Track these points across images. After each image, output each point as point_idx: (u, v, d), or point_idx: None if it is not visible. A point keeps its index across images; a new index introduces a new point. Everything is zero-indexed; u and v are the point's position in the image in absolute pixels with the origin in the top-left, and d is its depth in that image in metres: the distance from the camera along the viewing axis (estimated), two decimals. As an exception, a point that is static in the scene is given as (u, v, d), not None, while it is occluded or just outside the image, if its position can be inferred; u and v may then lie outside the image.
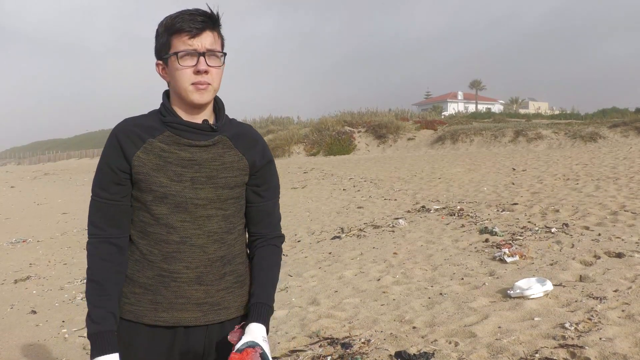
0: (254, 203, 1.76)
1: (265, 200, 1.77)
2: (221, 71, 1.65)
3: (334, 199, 12.12)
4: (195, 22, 1.57)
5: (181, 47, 1.58)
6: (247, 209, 1.77)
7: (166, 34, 1.60)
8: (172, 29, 1.58)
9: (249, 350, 1.50)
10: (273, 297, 1.78)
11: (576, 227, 6.80)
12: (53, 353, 4.24)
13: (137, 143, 1.61)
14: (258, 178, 1.74)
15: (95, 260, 1.62)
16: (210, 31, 1.60)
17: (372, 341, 3.78)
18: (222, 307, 1.69)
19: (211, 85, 1.61)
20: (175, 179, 1.62)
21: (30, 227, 11.50)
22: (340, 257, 6.55)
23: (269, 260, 1.80)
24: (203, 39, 1.58)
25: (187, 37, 1.57)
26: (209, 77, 1.59)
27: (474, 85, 70.40)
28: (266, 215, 1.78)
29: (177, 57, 1.58)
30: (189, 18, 1.57)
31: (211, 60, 1.59)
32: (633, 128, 21.89)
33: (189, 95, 1.60)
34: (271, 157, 1.79)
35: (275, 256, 1.82)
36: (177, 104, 1.66)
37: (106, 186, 1.63)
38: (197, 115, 1.66)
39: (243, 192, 1.74)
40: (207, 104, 1.64)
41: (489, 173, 13.94)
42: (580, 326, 3.61)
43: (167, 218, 1.62)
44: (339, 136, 28.16)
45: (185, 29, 1.57)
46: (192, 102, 1.62)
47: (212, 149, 1.66)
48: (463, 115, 39.50)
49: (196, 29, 1.57)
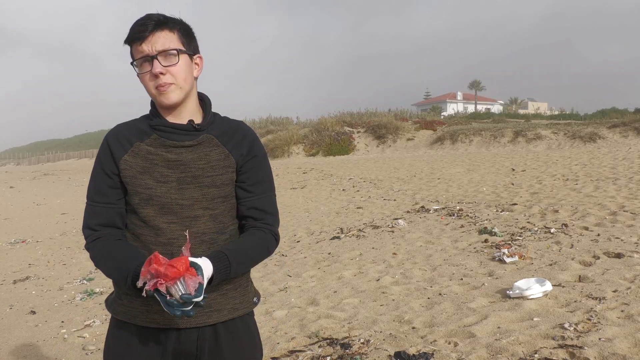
0: (242, 199, 1.73)
1: (254, 195, 1.73)
2: (184, 67, 1.64)
3: (333, 199, 12.12)
4: (143, 26, 1.60)
5: (136, 55, 1.62)
6: (237, 207, 1.74)
7: (128, 46, 1.65)
8: (127, 40, 1.63)
9: (193, 271, 1.43)
10: (240, 261, 1.63)
11: (575, 228, 6.80)
12: (52, 353, 4.24)
13: (126, 147, 1.66)
14: (244, 173, 1.72)
15: (97, 251, 1.65)
16: (160, 31, 1.61)
17: (372, 341, 3.78)
18: (214, 310, 1.68)
19: (173, 85, 1.61)
20: (161, 180, 1.64)
21: (30, 227, 11.49)
22: (340, 258, 6.55)
23: (250, 234, 1.71)
24: (153, 42, 1.59)
25: (138, 44, 1.61)
26: (168, 77, 1.60)
27: (474, 85, 70.36)
28: (256, 211, 1.73)
29: (136, 66, 1.63)
30: (137, 25, 1.61)
31: (165, 60, 1.60)
32: (632, 128, 21.92)
33: (157, 99, 1.64)
34: (259, 152, 1.75)
35: (260, 233, 1.72)
36: (160, 108, 1.69)
37: (101, 190, 1.67)
38: (182, 117, 1.68)
39: (233, 191, 1.72)
40: (178, 103, 1.65)
41: (488, 173, 13.94)
42: (580, 326, 3.62)
43: (154, 220, 1.64)
44: (339, 136, 28.17)
45: (134, 37, 1.61)
46: (162, 105, 1.65)
47: (197, 148, 1.67)
48: (462, 116, 39.54)
49: (143, 34, 1.59)
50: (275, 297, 5.18)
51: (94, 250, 1.66)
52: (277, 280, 5.79)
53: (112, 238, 1.66)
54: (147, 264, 1.42)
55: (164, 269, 1.39)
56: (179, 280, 1.40)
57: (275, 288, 5.51)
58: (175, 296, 1.40)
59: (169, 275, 1.38)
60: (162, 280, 1.39)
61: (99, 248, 1.64)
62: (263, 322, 4.45)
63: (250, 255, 1.68)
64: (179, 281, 1.40)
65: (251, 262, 1.69)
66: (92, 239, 1.67)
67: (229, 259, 1.58)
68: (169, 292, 1.40)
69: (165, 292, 1.40)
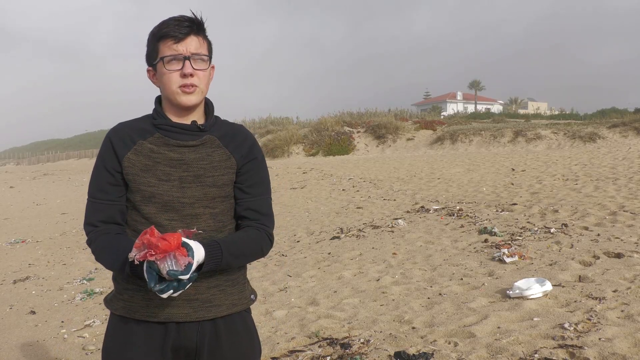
0: (240, 199, 1.77)
1: (251, 196, 1.77)
2: (208, 74, 1.71)
3: (333, 199, 12.12)
4: (180, 27, 1.63)
5: (167, 52, 1.64)
6: (235, 207, 1.78)
7: (154, 41, 1.67)
8: (159, 36, 1.65)
9: (184, 250, 1.44)
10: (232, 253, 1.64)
11: (575, 228, 6.80)
12: (52, 353, 4.24)
13: (128, 145, 1.69)
14: (243, 174, 1.76)
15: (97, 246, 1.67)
16: (195, 36, 1.66)
17: (372, 341, 3.78)
18: (213, 305, 1.71)
19: (198, 88, 1.66)
20: (163, 178, 1.67)
21: (30, 227, 11.49)
22: (340, 258, 6.55)
23: (245, 231, 1.74)
24: (188, 44, 1.64)
25: (172, 43, 1.63)
26: (195, 79, 1.65)
27: (473, 85, 70.36)
28: (252, 212, 1.77)
29: (163, 62, 1.64)
30: (174, 24, 1.64)
31: (197, 64, 1.65)
32: (632, 128, 21.94)
33: (176, 97, 1.66)
34: (258, 155, 1.79)
35: (255, 231, 1.74)
36: (167, 108, 1.72)
37: (103, 187, 1.70)
38: (186, 117, 1.72)
39: (232, 192, 1.76)
40: (195, 105, 1.70)
41: (488, 173, 13.95)
42: (580, 326, 3.62)
43: (156, 217, 1.67)
44: (338, 136, 28.17)
45: (170, 35, 1.63)
46: (180, 104, 1.68)
47: (200, 148, 1.71)
48: (462, 116, 39.55)
49: (181, 35, 1.63)
50: (275, 297, 5.18)
51: (95, 245, 1.68)
52: (277, 280, 5.79)
53: (113, 232, 1.68)
54: (142, 236, 1.44)
55: (156, 240, 1.41)
56: (169, 256, 1.42)
57: (275, 288, 5.51)
58: (162, 271, 1.42)
59: (160, 247, 1.40)
60: (153, 252, 1.41)
61: (100, 242, 1.67)
62: (263, 322, 4.45)
63: (243, 250, 1.70)
64: (169, 257, 1.42)
65: (243, 256, 1.71)
66: (93, 234, 1.69)
67: (222, 249, 1.60)
68: (158, 265, 1.42)
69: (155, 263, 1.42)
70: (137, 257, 1.43)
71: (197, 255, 1.49)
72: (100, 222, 1.69)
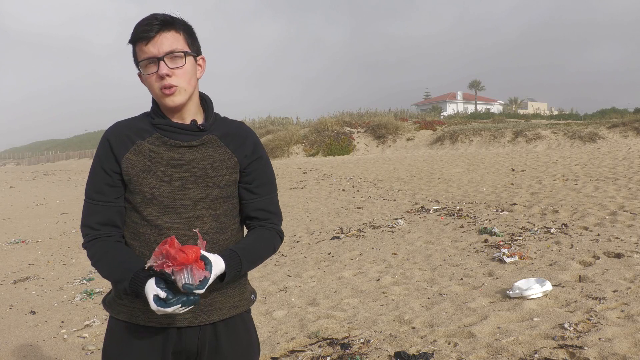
0: (247, 200, 1.74)
1: (259, 197, 1.75)
2: (189, 69, 1.62)
3: (333, 199, 12.12)
4: (149, 26, 1.57)
5: (142, 55, 1.60)
6: (242, 207, 1.76)
7: (132, 46, 1.62)
8: (132, 40, 1.61)
9: (202, 264, 1.43)
10: (250, 260, 1.66)
11: (575, 228, 6.80)
12: (52, 353, 4.24)
13: (127, 145, 1.64)
14: (249, 175, 1.73)
15: (95, 252, 1.64)
16: (167, 32, 1.59)
17: (372, 341, 3.78)
18: (215, 308, 1.69)
19: (178, 87, 1.59)
20: (164, 179, 1.63)
21: (29, 227, 11.49)
22: (340, 258, 6.55)
23: (258, 233, 1.74)
24: (160, 43, 1.57)
25: (144, 45, 1.58)
26: (173, 79, 1.59)
27: (473, 85, 70.34)
28: (262, 212, 1.76)
29: (141, 67, 1.61)
30: (142, 25, 1.58)
31: (172, 62, 1.59)
32: (632, 128, 21.94)
33: (161, 100, 1.62)
34: (262, 154, 1.77)
35: (267, 232, 1.75)
36: (162, 108, 1.68)
37: (100, 189, 1.66)
38: (184, 117, 1.67)
39: (235, 192, 1.73)
40: (181, 105, 1.63)
41: (488, 173, 13.95)
42: (580, 326, 3.62)
43: (157, 219, 1.63)
44: (338, 136, 28.16)
45: (140, 37, 1.58)
46: (166, 106, 1.63)
47: (200, 148, 1.66)
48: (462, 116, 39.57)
49: (151, 34, 1.57)
50: (275, 297, 5.18)
51: (92, 249, 1.65)
52: (277, 280, 5.79)
53: (112, 239, 1.65)
54: (161, 245, 1.43)
55: (175, 252, 1.40)
56: (186, 269, 1.41)
57: (275, 288, 5.51)
58: (178, 283, 1.41)
59: (178, 260, 1.39)
60: (170, 263, 1.40)
61: (98, 248, 1.64)
62: (263, 322, 4.45)
63: (259, 254, 1.70)
64: (185, 270, 1.41)
65: (259, 260, 1.72)
66: (90, 237, 1.66)
67: (240, 258, 1.60)
68: (174, 277, 1.41)
69: (170, 275, 1.41)
70: (154, 266, 1.43)
71: (215, 269, 1.48)
72: (98, 224, 1.65)
